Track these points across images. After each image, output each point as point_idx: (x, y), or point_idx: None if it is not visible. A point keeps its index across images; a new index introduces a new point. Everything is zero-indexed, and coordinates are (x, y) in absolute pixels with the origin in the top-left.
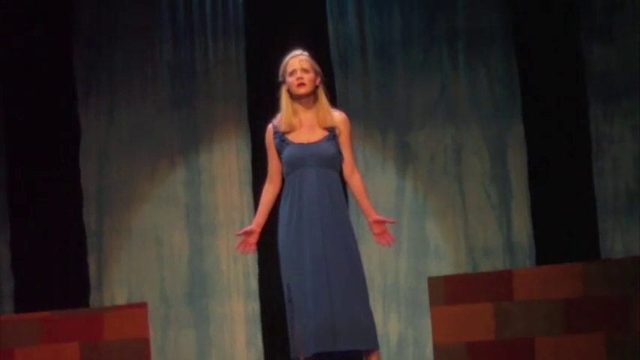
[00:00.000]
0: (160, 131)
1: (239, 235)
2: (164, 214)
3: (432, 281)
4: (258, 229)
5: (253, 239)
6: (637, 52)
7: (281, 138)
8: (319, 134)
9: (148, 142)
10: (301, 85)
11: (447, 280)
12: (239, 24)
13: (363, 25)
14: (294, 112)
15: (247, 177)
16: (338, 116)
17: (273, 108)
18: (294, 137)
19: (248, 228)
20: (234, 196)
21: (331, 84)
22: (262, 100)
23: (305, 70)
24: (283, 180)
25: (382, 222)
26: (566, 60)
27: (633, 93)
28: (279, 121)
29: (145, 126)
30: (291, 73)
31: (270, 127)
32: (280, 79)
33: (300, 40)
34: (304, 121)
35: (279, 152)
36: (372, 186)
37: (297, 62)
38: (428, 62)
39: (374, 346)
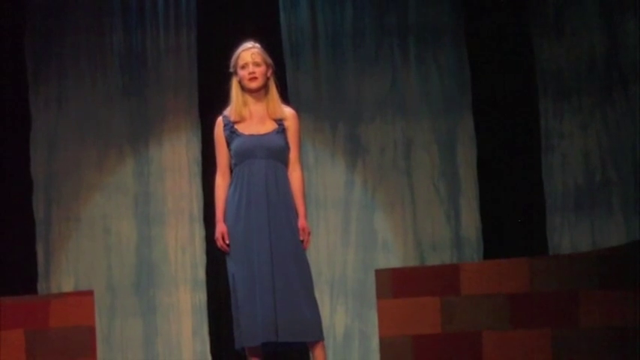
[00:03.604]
0: (109, 120)
1: (223, 245)
2: (113, 204)
3: (380, 274)
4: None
5: (227, 238)
6: (587, 48)
7: (231, 129)
8: (269, 126)
9: (97, 131)
10: (253, 79)
11: (394, 273)
12: (191, 13)
13: (315, 17)
14: (245, 103)
15: (197, 168)
16: (288, 112)
17: (224, 99)
18: (244, 128)
19: (222, 231)
20: (183, 187)
21: (282, 75)
22: (213, 91)
23: (257, 64)
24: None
25: (304, 231)
26: (516, 55)
27: (583, 89)
28: (228, 112)
29: (94, 115)
30: (243, 67)
31: (219, 119)
32: (231, 70)
33: (252, 31)
34: (254, 112)
35: (229, 143)
36: (321, 178)
37: (249, 55)
38: (379, 56)
39: (318, 338)
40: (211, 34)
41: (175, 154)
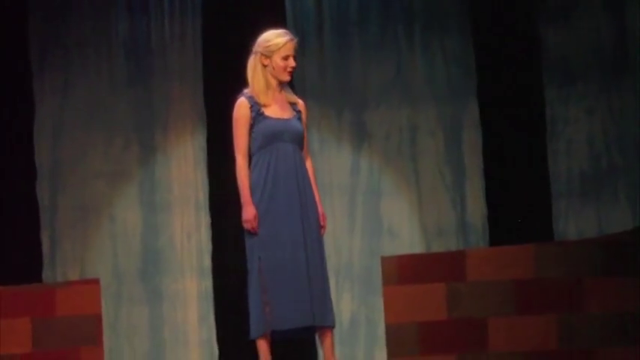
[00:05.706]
0: (114, 108)
1: (254, 228)
2: (118, 191)
3: (385, 261)
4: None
5: (257, 220)
6: (593, 34)
7: (258, 112)
8: (290, 112)
9: (102, 118)
10: (291, 73)
11: (400, 259)
12: (196, 1)
13: (320, 3)
14: (268, 87)
15: (202, 155)
16: (300, 101)
17: (229, 86)
18: (270, 112)
19: (254, 214)
20: (188, 174)
21: None
22: (218, 79)
23: (295, 58)
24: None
25: (324, 216)
26: (522, 41)
27: (588, 75)
28: (251, 93)
29: (99, 102)
30: (285, 58)
31: (243, 100)
32: (262, 51)
33: (258, 18)
34: (276, 97)
35: (252, 125)
36: (327, 164)
37: (293, 48)
38: (384, 42)
39: (334, 324)
40: (217, 22)
41: (181, 142)
